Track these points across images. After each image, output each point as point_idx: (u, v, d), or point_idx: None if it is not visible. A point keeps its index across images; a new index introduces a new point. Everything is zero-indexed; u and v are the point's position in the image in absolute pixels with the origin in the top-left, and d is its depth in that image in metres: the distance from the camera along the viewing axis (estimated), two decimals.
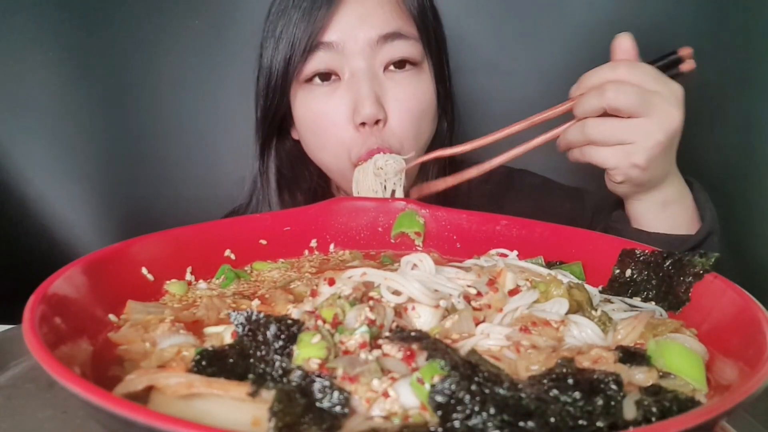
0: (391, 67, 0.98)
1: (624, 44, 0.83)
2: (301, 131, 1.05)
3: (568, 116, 0.85)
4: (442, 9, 1.08)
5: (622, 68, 0.79)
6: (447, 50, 1.10)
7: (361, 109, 0.94)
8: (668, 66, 0.84)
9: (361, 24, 0.96)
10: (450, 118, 1.12)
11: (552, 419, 0.38)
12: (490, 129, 0.89)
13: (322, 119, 0.99)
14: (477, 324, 0.53)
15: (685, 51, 0.85)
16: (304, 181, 1.13)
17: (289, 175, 1.11)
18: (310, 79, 0.98)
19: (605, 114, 0.80)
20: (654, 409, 0.40)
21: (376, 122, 0.96)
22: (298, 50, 0.95)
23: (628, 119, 0.78)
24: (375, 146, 0.95)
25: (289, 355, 0.45)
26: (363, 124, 0.95)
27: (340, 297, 0.52)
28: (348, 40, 0.95)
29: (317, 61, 0.96)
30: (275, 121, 1.05)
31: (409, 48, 0.98)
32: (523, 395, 0.40)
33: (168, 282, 0.65)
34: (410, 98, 0.99)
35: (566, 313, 0.55)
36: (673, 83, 0.80)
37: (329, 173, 1.08)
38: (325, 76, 0.98)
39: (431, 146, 1.05)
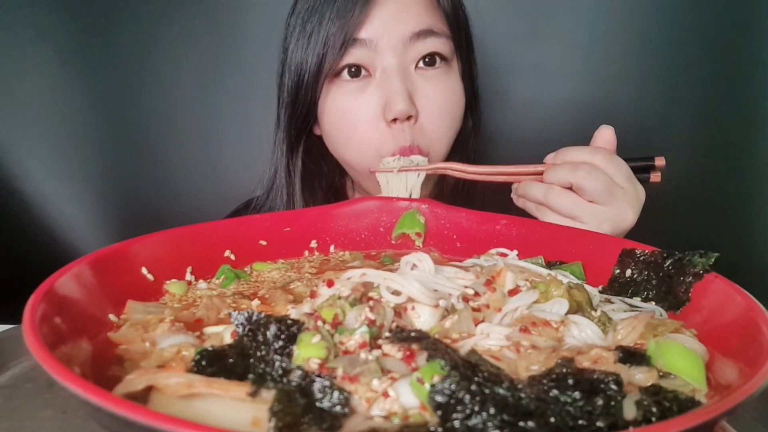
0: (422, 64, 0.99)
1: (606, 135, 0.88)
2: (328, 128, 1.04)
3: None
4: None
5: (600, 155, 0.84)
6: (474, 48, 1.11)
7: (393, 105, 0.94)
8: (641, 169, 0.89)
9: (395, 21, 0.96)
10: (477, 116, 1.14)
11: (552, 419, 0.38)
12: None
13: (352, 116, 0.99)
14: (476, 324, 0.53)
15: (660, 161, 0.89)
16: (324, 178, 1.13)
17: (311, 171, 1.11)
18: (338, 74, 0.99)
19: (569, 188, 0.85)
20: (654, 409, 0.40)
21: (408, 119, 0.96)
22: (333, 48, 0.96)
23: (588, 202, 0.83)
24: (407, 143, 0.96)
25: (289, 355, 0.45)
26: (394, 120, 0.96)
27: (339, 298, 0.52)
28: (382, 37, 0.96)
29: (349, 56, 0.97)
30: (305, 117, 1.05)
31: (440, 44, 0.99)
32: (523, 395, 0.40)
33: (168, 282, 0.65)
34: (440, 96, 1.00)
35: (566, 314, 0.55)
36: (639, 186, 0.86)
37: (352, 171, 1.08)
38: (356, 71, 0.98)
39: (456, 144, 1.06)
